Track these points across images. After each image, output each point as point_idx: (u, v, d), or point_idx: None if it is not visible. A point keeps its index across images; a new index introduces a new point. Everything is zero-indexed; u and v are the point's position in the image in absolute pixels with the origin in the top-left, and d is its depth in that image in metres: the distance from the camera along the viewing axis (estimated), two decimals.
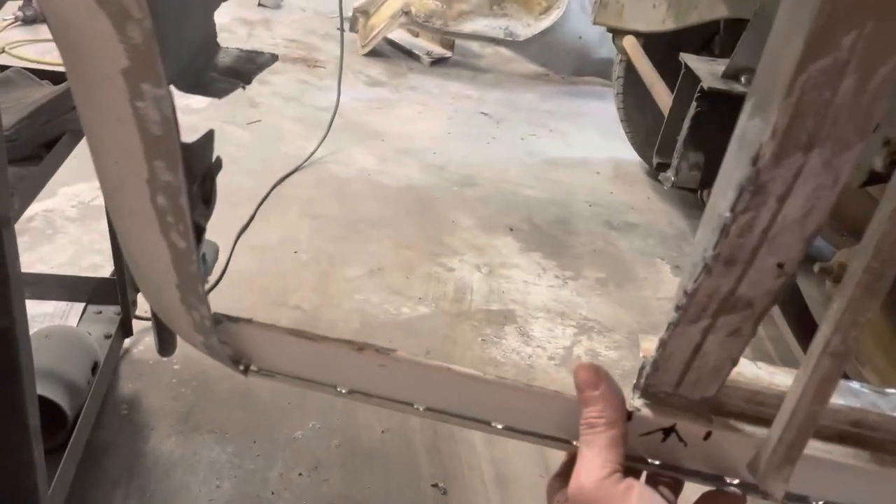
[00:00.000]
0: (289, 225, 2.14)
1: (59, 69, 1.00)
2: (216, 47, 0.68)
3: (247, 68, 0.67)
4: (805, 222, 0.41)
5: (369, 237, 2.16)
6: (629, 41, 2.08)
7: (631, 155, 2.90)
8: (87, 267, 1.82)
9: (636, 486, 0.48)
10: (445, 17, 3.50)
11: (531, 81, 3.77)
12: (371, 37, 3.65)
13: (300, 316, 1.76)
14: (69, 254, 1.88)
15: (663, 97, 1.88)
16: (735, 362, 0.50)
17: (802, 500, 0.57)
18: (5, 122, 0.88)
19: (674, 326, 0.48)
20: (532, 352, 1.79)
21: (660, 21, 1.97)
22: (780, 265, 0.43)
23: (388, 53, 3.80)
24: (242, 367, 0.62)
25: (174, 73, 0.57)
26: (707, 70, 1.20)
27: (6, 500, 0.92)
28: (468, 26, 3.50)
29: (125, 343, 1.54)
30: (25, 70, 1.09)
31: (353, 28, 3.89)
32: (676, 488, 0.60)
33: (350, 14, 3.78)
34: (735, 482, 0.56)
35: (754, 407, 0.53)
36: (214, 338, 0.55)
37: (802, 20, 0.35)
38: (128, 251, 0.54)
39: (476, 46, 4.10)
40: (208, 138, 0.56)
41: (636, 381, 0.54)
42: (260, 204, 2.19)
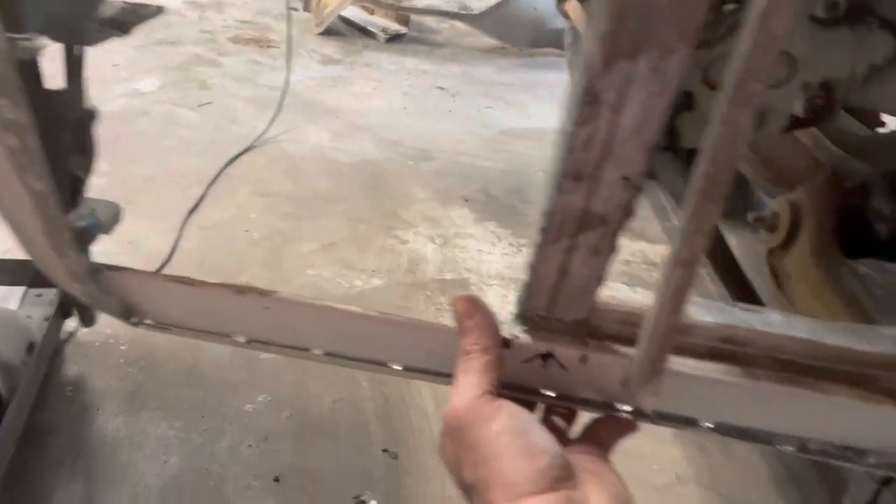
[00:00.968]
0: (240, 204, 2.12)
1: None
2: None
3: (128, 19, 0.66)
4: (642, 132, 0.42)
5: (322, 213, 2.15)
6: (571, 5, 2.08)
7: None
8: None
9: (506, 406, 0.49)
10: None
11: (488, 55, 3.76)
12: (325, 15, 3.60)
13: None
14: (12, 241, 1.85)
15: None
16: (600, 280, 0.51)
17: (691, 423, 0.59)
18: None
19: (538, 248, 0.49)
20: None
21: None
22: (626, 178, 0.44)
23: (344, 31, 3.76)
24: (135, 320, 0.62)
25: (39, 21, 0.56)
26: None
27: None
28: (422, 0, 3.47)
29: (71, 326, 1.53)
30: None
31: (307, 7, 3.84)
32: (570, 418, 0.61)
33: None
34: (626, 408, 0.58)
35: (629, 328, 0.54)
36: (93, 286, 0.55)
37: None
38: None
39: (432, 22, 4.07)
40: (76, 87, 0.55)
41: (515, 310, 0.55)
42: (210, 184, 2.17)
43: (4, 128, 0.44)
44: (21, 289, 1.47)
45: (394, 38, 3.75)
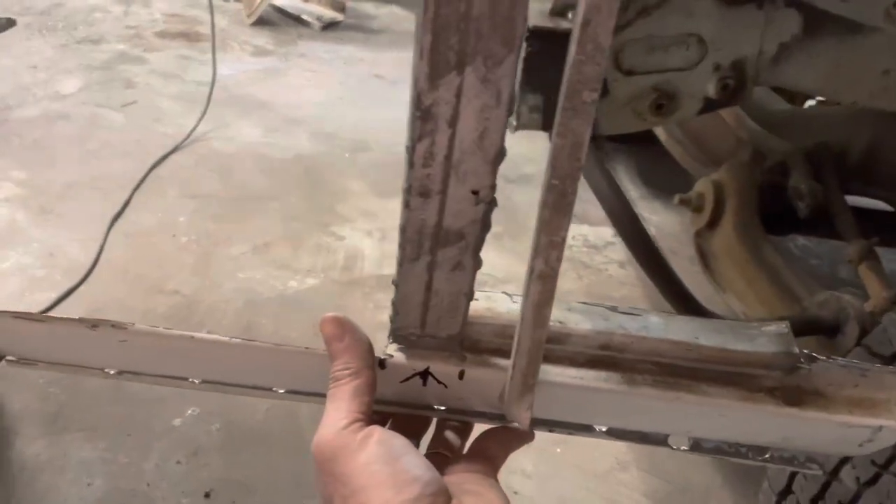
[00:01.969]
0: (167, 207, 2.05)
1: None
2: None
3: None
4: (483, 145, 0.40)
5: (254, 212, 2.09)
6: None
7: None
8: None
9: (376, 433, 0.47)
10: None
11: None
12: (256, 5, 3.50)
13: (179, 301, 1.70)
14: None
15: None
16: (469, 296, 0.49)
17: (586, 429, 0.58)
18: None
19: (400, 266, 0.47)
20: None
21: None
22: (475, 192, 0.42)
23: (277, 21, 3.66)
24: None
25: None
26: (536, 8, 1.18)
27: None
28: None
29: None
30: None
31: None
32: (464, 431, 0.60)
33: None
34: None
35: (507, 341, 0.52)
36: None
37: None
38: None
39: (370, 7, 4.00)
40: None
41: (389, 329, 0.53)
42: (135, 189, 2.09)
43: None
44: None
45: (329, 26, 3.67)
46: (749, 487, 1.39)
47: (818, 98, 1.74)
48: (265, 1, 3.46)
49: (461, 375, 0.52)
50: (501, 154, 0.40)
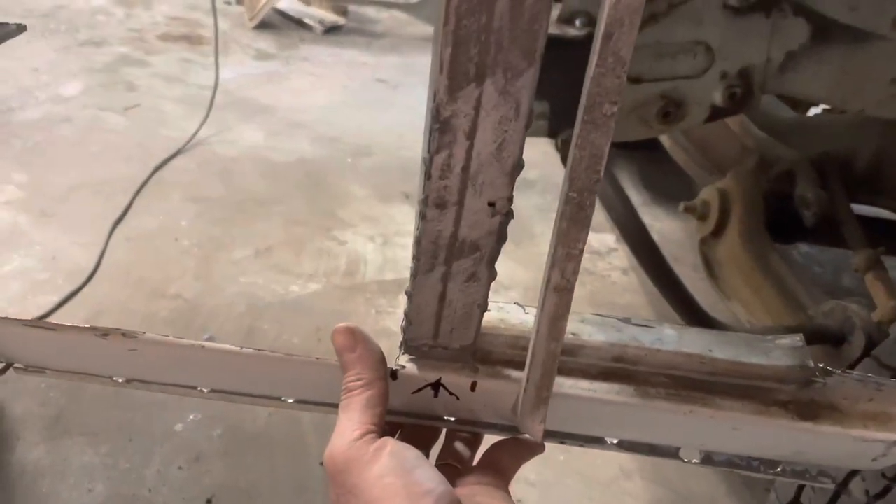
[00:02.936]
0: (169, 211, 2.04)
1: None
2: None
3: None
4: (501, 157, 0.39)
5: (257, 216, 2.09)
6: None
7: None
8: None
9: (389, 445, 0.46)
10: None
11: (429, 44, 3.70)
12: (259, 8, 3.50)
13: (181, 306, 1.69)
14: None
15: None
16: (483, 307, 0.48)
17: (597, 441, 0.57)
18: None
19: (413, 277, 0.46)
20: None
21: None
22: (492, 204, 0.42)
23: (279, 24, 3.66)
24: (1, 366, 0.57)
25: None
26: None
27: None
28: None
29: None
30: None
31: (240, 0, 3.73)
32: (474, 443, 0.59)
33: None
34: None
35: (519, 352, 0.52)
36: None
37: None
38: None
39: (372, 11, 4.00)
40: None
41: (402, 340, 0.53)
42: (137, 192, 2.08)
43: None
44: None
45: (331, 30, 3.67)
46: (754, 498, 1.39)
47: (823, 106, 1.73)
48: (268, 4, 3.46)
49: (473, 387, 0.51)
50: (519, 166, 0.40)
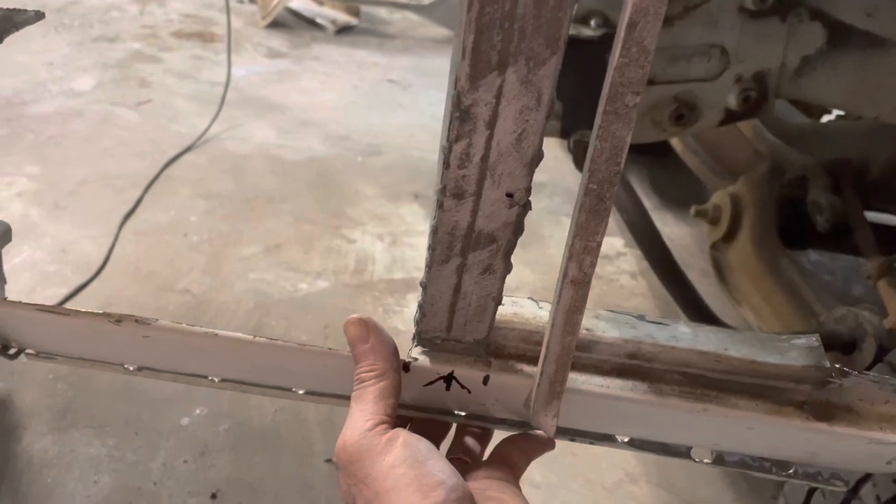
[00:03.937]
0: (179, 206, 2.05)
1: None
2: None
3: (1, 27, 0.61)
4: (520, 147, 0.39)
5: (266, 214, 2.09)
6: None
7: None
8: None
9: (401, 436, 0.46)
10: None
11: (440, 45, 3.71)
12: (271, 7, 3.52)
13: (189, 300, 1.70)
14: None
15: None
16: (497, 301, 0.48)
17: (607, 439, 0.57)
18: None
19: (428, 268, 0.46)
20: None
21: None
22: (510, 195, 0.42)
23: (291, 24, 3.68)
24: (13, 352, 0.58)
25: None
26: None
27: None
28: None
29: None
30: None
31: None
32: (484, 437, 0.59)
33: None
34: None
35: (533, 347, 0.51)
36: None
37: None
38: None
39: (384, 12, 4.01)
40: None
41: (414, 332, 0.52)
42: (148, 187, 2.09)
43: None
44: None
45: (343, 30, 3.68)
46: (761, 503, 1.38)
47: (837, 112, 1.73)
48: (280, 3, 3.48)
49: (485, 381, 0.51)
50: (538, 157, 0.40)
